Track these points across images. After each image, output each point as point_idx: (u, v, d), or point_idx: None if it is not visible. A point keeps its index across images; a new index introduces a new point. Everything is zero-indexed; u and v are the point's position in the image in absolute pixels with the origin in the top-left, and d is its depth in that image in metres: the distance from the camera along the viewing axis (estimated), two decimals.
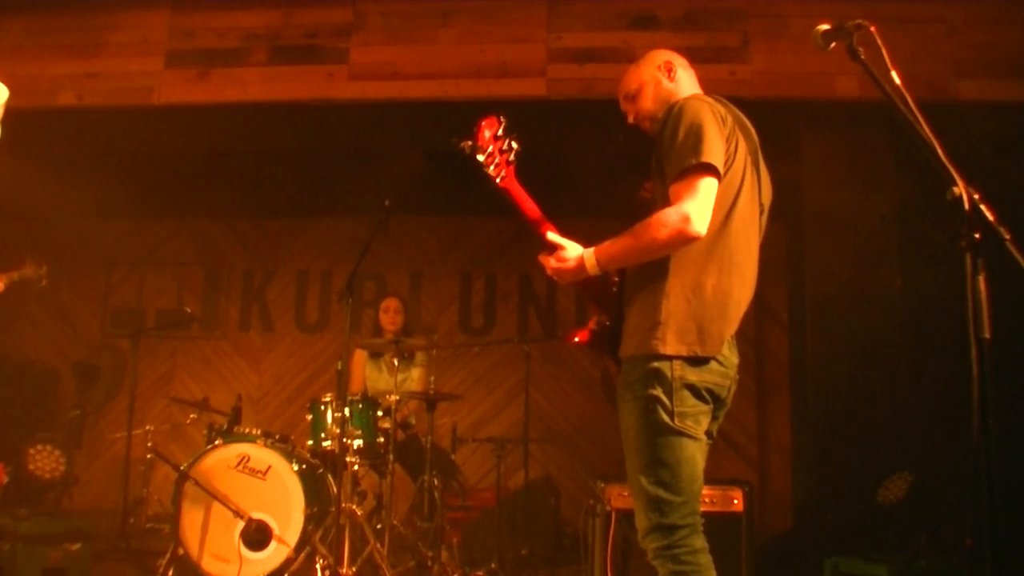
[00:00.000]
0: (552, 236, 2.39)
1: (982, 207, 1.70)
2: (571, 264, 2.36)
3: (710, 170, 2.23)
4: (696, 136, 2.24)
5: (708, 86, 2.62)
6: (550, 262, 2.39)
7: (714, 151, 2.23)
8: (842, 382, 4.98)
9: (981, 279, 1.67)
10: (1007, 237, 1.69)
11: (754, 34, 4.81)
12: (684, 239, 2.21)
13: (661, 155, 2.32)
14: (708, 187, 2.22)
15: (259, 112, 5.07)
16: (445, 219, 7.22)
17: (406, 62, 4.93)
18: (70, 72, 5.05)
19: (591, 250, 2.34)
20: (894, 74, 1.89)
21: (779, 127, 4.58)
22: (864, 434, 4.82)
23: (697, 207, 2.20)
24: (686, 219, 2.19)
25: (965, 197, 1.71)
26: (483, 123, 2.23)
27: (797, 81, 4.67)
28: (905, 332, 4.98)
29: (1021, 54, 4.65)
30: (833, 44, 2.01)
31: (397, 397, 4.69)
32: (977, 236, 1.69)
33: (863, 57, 1.94)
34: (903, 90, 1.87)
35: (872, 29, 1.95)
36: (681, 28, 4.83)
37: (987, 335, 1.66)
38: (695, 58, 2.76)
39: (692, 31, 4.82)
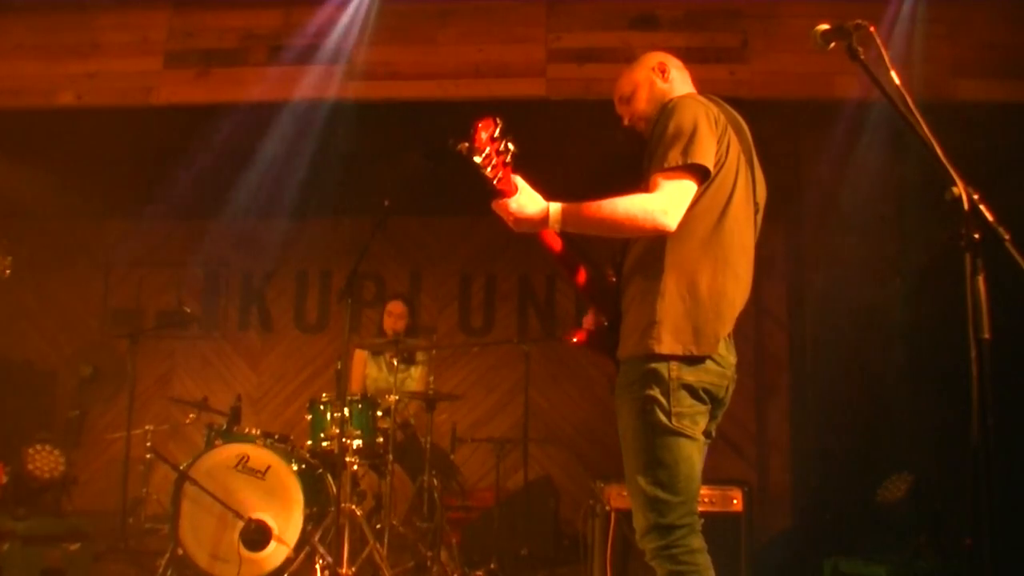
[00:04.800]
0: (518, 179, 2.29)
1: (981, 207, 1.70)
2: (533, 213, 2.27)
3: (694, 171, 2.25)
4: (686, 135, 2.25)
5: (707, 86, 2.62)
6: (510, 205, 2.27)
7: (703, 151, 2.25)
8: (841, 382, 4.99)
9: (980, 279, 1.67)
10: (1006, 237, 1.69)
11: (753, 34, 4.81)
12: (654, 228, 2.22)
13: (652, 153, 2.33)
14: (688, 187, 2.25)
15: (259, 112, 5.06)
16: (445, 219, 7.21)
17: (405, 62, 4.92)
18: (69, 72, 5.04)
19: (558, 204, 2.28)
20: (893, 74, 1.89)
21: (778, 127, 4.58)
22: (864, 434, 4.82)
23: (675, 202, 2.22)
24: (664, 212, 2.21)
25: (964, 197, 1.71)
26: (480, 125, 2.23)
27: (796, 81, 4.67)
28: (904, 332, 4.98)
29: (1021, 54, 4.65)
30: (833, 44, 2.01)
31: (397, 397, 4.69)
32: (976, 236, 1.69)
33: (862, 57, 1.94)
34: (902, 90, 1.87)
35: (871, 29, 1.95)
36: (680, 28, 4.83)
37: (986, 335, 1.66)
38: (694, 58, 2.77)
39: (691, 31, 4.81)
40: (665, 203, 2.21)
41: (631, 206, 2.23)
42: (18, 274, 4.85)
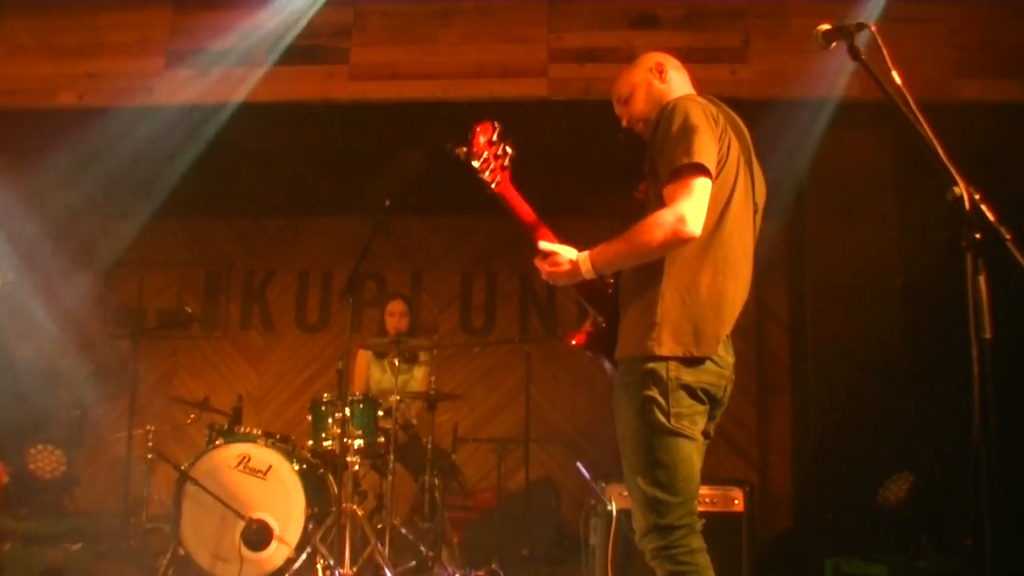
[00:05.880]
0: (544, 244, 2.39)
1: (982, 207, 1.70)
2: (565, 267, 2.36)
3: (702, 170, 2.24)
4: (688, 136, 2.24)
5: (709, 86, 2.62)
6: (544, 266, 2.40)
7: (706, 151, 2.24)
8: (842, 382, 4.98)
9: (982, 279, 1.67)
10: (1008, 237, 1.69)
11: (755, 34, 4.81)
12: (679, 240, 2.22)
13: (654, 156, 2.33)
14: (702, 187, 2.23)
15: (259, 112, 5.07)
16: (446, 219, 7.21)
17: (406, 62, 4.92)
18: (70, 72, 5.04)
19: (585, 253, 2.35)
20: (895, 74, 1.89)
21: (779, 127, 4.57)
22: (864, 434, 4.82)
23: (691, 207, 2.21)
24: (681, 220, 2.19)
25: (966, 197, 1.71)
26: (477, 129, 2.24)
27: (798, 81, 4.67)
28: (905, 332, 4.98)
29: (1021, 54, 4.65)
30: (834, 44, 2.01)
31: (399, 397, 4.69)
32: (978, 236, 1.68)
33: (864, 57, 1.94)
34: (904, 90, 1.87)
35: (872, 29, 1.95)
36: (682, 28, 4.82)
37: (988, 335, 1.66)
38: (696, 58, 2.77)
39: (693, 31, 4.81)
40: (681, 210, 2.20)
41: (650, 227, 2.23)
42: (19, 274, 4.86)
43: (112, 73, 5.03)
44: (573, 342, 2.55)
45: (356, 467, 4.52)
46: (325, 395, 4.69)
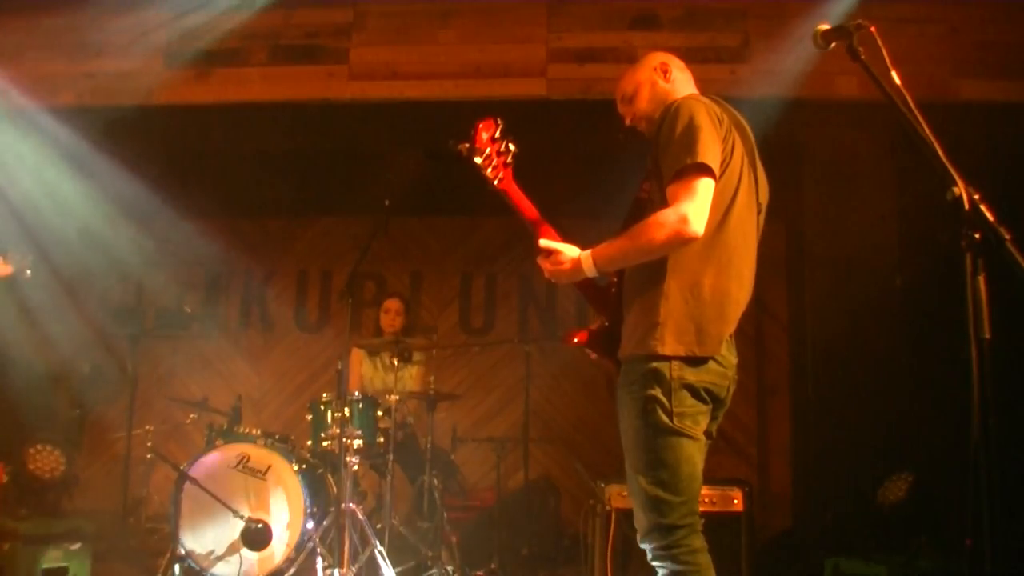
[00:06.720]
0: (545, 242, 2.39)
1: (982, 207, 1.70)
2: (567, 266, 2.36)
3: (706, 170, 2.23)
4: (692, 136, 2.24)
5: (708, 86, 2.62)
6: (546, 264, 2.40)
7: (710, 151, 2.24)
8: (842, 382, 4.99)
9: (981, 279, 1.67)
10: (1007, 237, 1.69)
11: (754, 34, 4.81)
12: (682, 240, 2.22)
13: (658, 155, 2.33)
14: (705, 187, 2.23)
15: (259, 112, 5.06)
16: (445, 219, 7.21)
17: (406, 62, 4.92)
18: (70, 72, 5.04)
19: (588, 252, 2.35)
20: (894, 74, 1.89)
21: (779, 127, 4.57)
22: (864, 434, 4.82)
23: (695, 207, 2.21)
24: (684, 220, 2.19)
25: (965, 197, 1.71)
26: (480, 125, 2.24)
27: (797, 81, 4.67)
28: (905, 332, 4.98)
29: (1021, 54, 4.65)
30: (833, 44, 2.01)
31: (397, 397, 4.69)
32: (977, 236, 1.68)
33: (863, 57, 1.94)
34: (903, 90, 1.87)
35: (872, 29, 1.96)
36: (681, 28, 4.83)
37: (987, 335, 1.66)
38: (695, 58, 2.77)
39: (692, 31, 4.81)
40: (684, 210, 2.21)
41: (652, 226, 2.24)
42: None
43: (111, 73, 5.02)
44: (575, 340, 2.55)
45: (355, 467, 4.52)
46: (324, 395, 4.69)
